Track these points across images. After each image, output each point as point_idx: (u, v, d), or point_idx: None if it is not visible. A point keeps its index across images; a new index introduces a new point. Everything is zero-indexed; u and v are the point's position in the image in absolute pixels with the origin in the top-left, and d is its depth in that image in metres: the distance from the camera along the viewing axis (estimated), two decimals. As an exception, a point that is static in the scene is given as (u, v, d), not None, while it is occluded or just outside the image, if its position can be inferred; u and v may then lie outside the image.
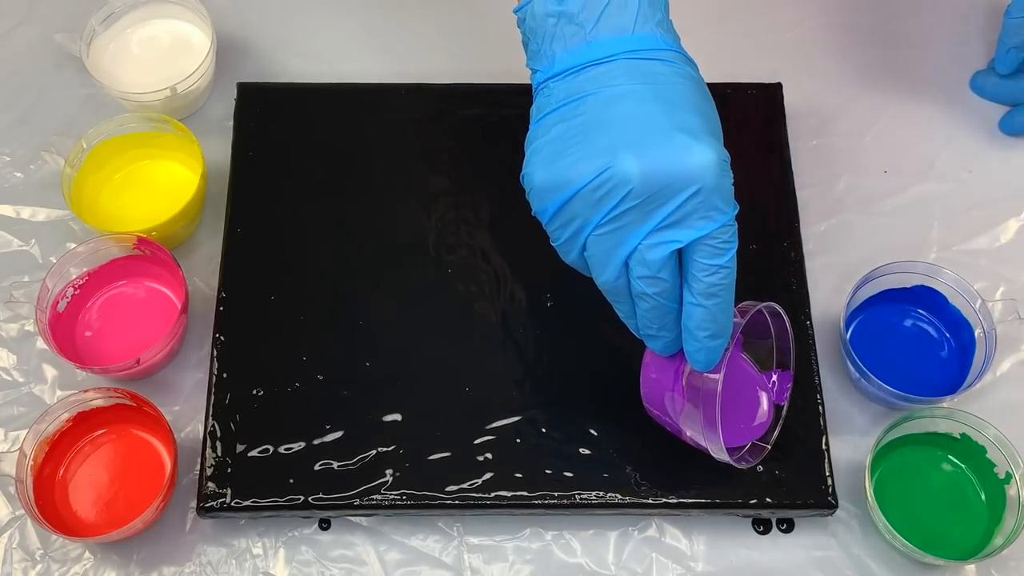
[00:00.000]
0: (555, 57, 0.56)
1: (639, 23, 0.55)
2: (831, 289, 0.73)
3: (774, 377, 0.65)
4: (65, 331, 0.69)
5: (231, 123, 0.75)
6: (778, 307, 0.60)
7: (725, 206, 0.54)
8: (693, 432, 0.59)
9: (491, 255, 0.71)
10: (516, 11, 0.58)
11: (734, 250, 0.55)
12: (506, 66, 0.80)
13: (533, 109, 0.58)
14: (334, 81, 0.77)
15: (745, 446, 0.63)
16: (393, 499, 0.64)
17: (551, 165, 0.55)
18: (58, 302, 0.69)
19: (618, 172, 0.52)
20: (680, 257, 0.55)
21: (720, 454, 0.59)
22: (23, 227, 0.75)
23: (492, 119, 0.75)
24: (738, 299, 0.57)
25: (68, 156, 0.72)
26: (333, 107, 0.75)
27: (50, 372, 0.70)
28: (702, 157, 0.52)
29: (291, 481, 0.64)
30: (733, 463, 0.60)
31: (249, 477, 0.64)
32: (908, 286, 0.71)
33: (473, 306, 0.69)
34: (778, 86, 0.77)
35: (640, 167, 0.52)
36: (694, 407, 0.58)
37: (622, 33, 0.55)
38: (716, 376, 0.57)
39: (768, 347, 0.64)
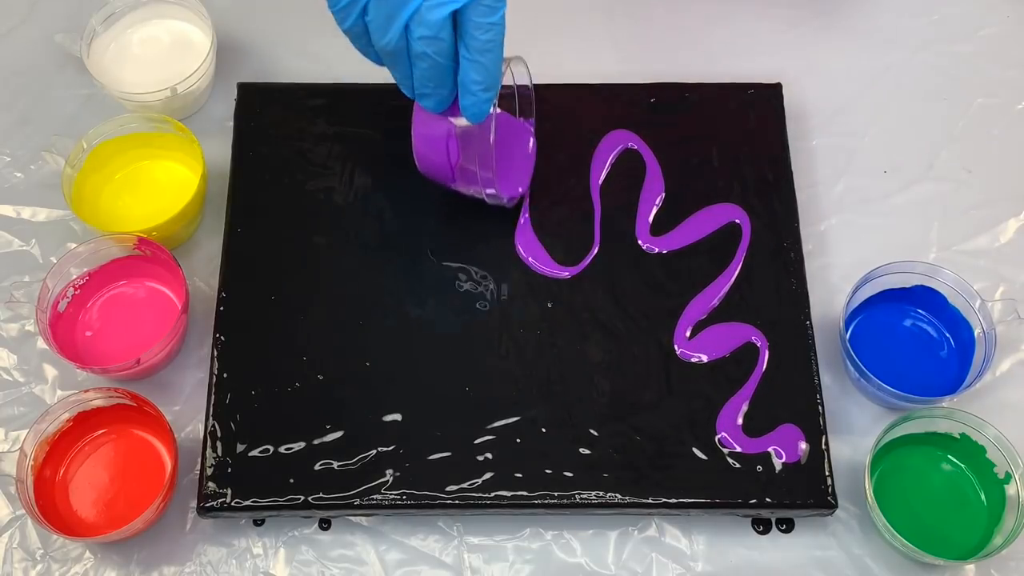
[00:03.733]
0: None
1: None
2: (831, 289, 0.73)
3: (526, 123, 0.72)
4: (65, 331, 0.69)
5: (231, 123, 0.75)
6: (521, 58, 0.65)
7: None
8: (469, 180, 0.66)
9: (492, 255, 0.71)
10: None
11: (504, 8, 0.59)
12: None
13: None
14: (334, 81, 0.77)
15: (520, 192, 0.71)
16: (393, 499, 0.64)
17: None
18: (58, 302, 0.69)
19: None
20: (455, 20, 0.59)
21: (492, 187, 0.66)
22: (23, 227, 0.75)
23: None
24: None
25: (68, 156, 0.72)
26: (333, 107, 0.75)
27: (50, 372, 0.70)
28: None
29: (291, 481, 0.64)
30: (506, 204, 0.69)
31: (249, 477, 0.64)
32: (908, 286, 0.71)
33: (473, 306, 0.69)
34: (778, 86, 0.77)
35: None
36: (468, 156, 0.64)
37: None
38: (488, 123, 0.63)
39: (511, 98, 0.71)
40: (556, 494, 0.64)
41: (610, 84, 0.77)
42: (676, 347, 0.68)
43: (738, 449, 0.65)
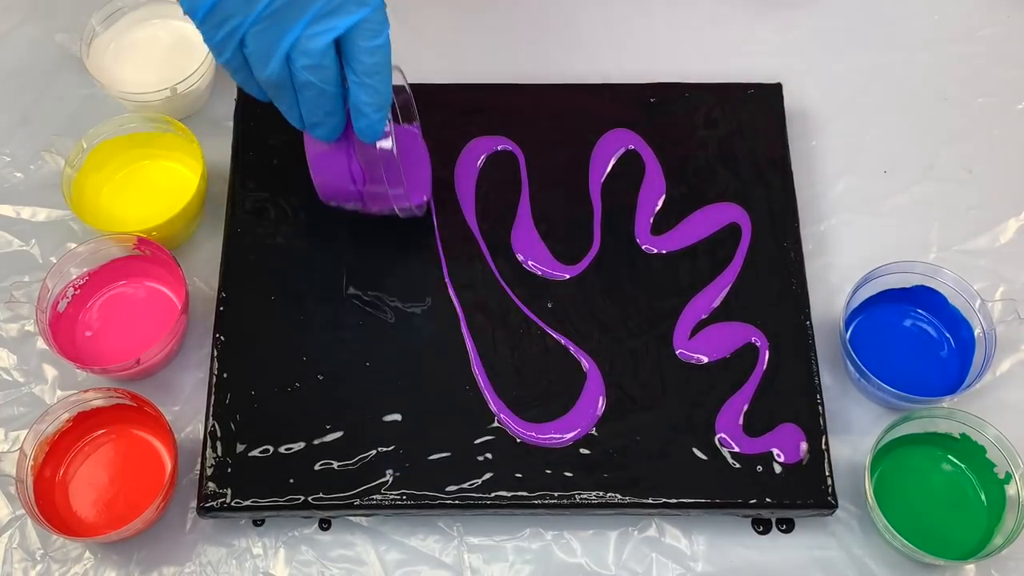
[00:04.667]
0: None
1: None
2: (831, 289, 0.73)
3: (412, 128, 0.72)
4: (65, 331, 0.69)
5: (231, 123, 0.75)
6: (396, 65, 0.63)
7: None
8: (379, 200, 0.66)
9: (492, 255, 0.71)
10: None
11: (388, 29, 0.58)
12: (507, 65, 0.80)
13: None
14: (334, 81, 0.77)
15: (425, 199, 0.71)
16: (393, 499, 0.64)
17: None
18: (58, 302, 0.69)
19: None
20: (338, 43, 0.57)
21: (405, 202, 0.66)
22: (23, 227, 0.75)
23: (492, 117, 0.75)
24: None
25: (68, 156, 0.72)
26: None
27: (50, 372, 0.70)
28: None
29: (291, 481, 0.64)
30: (417, 213, 0.69)
31: (249, 477, 0.64)
32: (908, 286, 0.71)
33: (474, 306, 0.69)
34: (778, 86, 0.77)
35: None
36: (374, 175, 0.64)
37: None
38: (387, 141, 0.63)
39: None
40: (556, 494, 0.64)
41: (610, 84, 0.77)
42: (676, 347, 0.68)
43: (738, 449, 0.65)
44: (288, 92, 0.60)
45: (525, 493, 0.64)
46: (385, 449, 0.65)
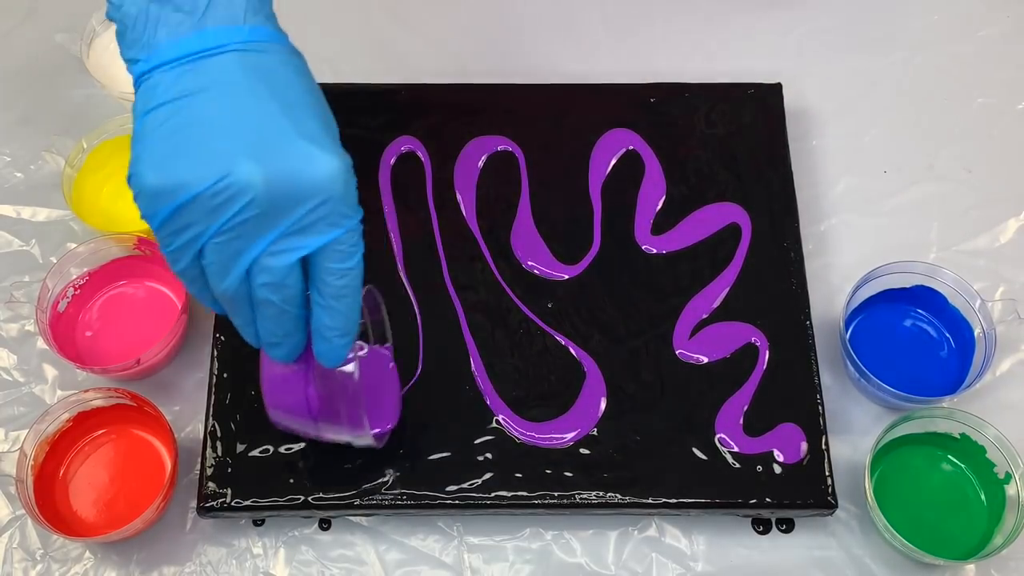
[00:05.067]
0: (159, 45, 0.52)
1: (249, 14, 0.52)
2: (831, 289, 0.73)
3: (383, 350, 0.66)
4: (65, 331, 0.69)
5: (231, 123, 0.75)
6: (371, 287, 0.61)
7: (351, 212, 0.52)
8: (335, 427, 0.59)
9: (492, 255, 0.71)
10: None
11: (361, 252, 0.53)
12: (507, 65, 0.80)
13: (136, 103, 0.53)
14: (334, 81, 0.77)
15: (387, 428, 0.64)
16: (393, 499, 0.64)
17: (164, 167, 0.50)
18: (58, 302, 0.69)
19: (239, 180, 0.49)
20: (305, 262, 0.53)
21: (366, 439, 0.60)
22: (23, 227, 0.75)
23: (492, 117, 0.75)
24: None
25: (68, 156, 0.72)
26: (333, 107, 0.75)
27: (50, 372, 0.70)
28: (328, 167, 0.50)
29: (291, 481, 0.64)
30: (376, 445, 0.62)
31: (249, 477, 0.64)
32: (908, 286, 0.71)
33: (474, 306, 0.69)
34: (778, 86, 0.77)
35: (263, 176, 0.49)
36: (332, 403, 0.58)
37: (233, 23, 0.52)
38: (350, 368, 0.57)
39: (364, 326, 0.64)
40: (556, 494, 0.64)
41: (610, 84, 0.77)
42: (676, 347, 0.68)
43: (738, 449, 0.65)
44: (245, 308, 0.54)
45: (525, 493, 0.64)
46: (385, 449, 0.65)
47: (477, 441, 0.65)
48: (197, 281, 0.54)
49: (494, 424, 0.66)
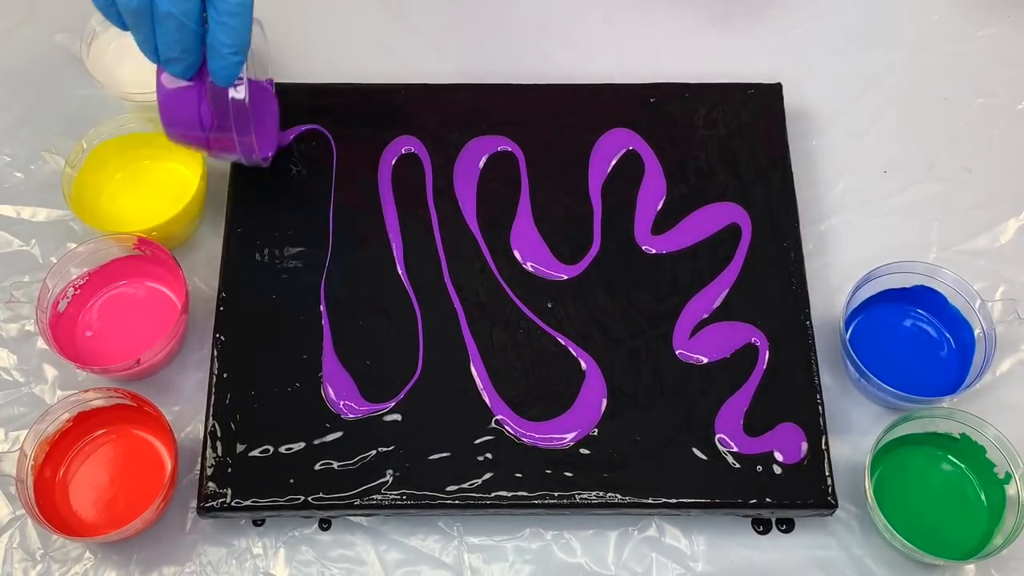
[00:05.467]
0: None
1: None
2: (831, 289, 0.73)
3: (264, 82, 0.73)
4: (65, 331, 0.69)
5: (231, 123, 0.75)
6: (258, 19, 0.64)
7: None
8: (225, 145, 0.66)
9: (492, 255, 0.71)
10: None
11: None
12: (507, 65, 0.80)
13: None
14: (334, 81, 0.77)
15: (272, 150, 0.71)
16: (393, 499, 0.64)
17: None
18: (58, 302, 0.69)
19: None
20: None
21: (252, 152, 0.66)
22: (23, 227, 0.75)
23: (492, 117, 0.75)
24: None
25: (68, 156, 0.72)
26: (334, 107, 0.75)
27: (50, 372, 0.70)
28: None
29: (291, 481, 0.64)
30: (262, 163, 0.69)
31: (249, 477, 0.64)
32: (908, 286, 0.71)
33: (474, 306, 0.69)
34: (778, 86, 0.77)
35: None
36: (223, 121, 0.63)
37: None
38: (241, 88, 0.63)
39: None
40: (556, 494, 0.64)
41: (610, 84, 0.77)
42: (676, 347, 0.68)
43: (738, 449, 0.65)
44: (147, 22, 0.59)
45: (525, 493, 0.64)
46: (385, 449, 0.65)
47: (477, 441, 0.65)
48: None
49: (494, 424, 0.66)
